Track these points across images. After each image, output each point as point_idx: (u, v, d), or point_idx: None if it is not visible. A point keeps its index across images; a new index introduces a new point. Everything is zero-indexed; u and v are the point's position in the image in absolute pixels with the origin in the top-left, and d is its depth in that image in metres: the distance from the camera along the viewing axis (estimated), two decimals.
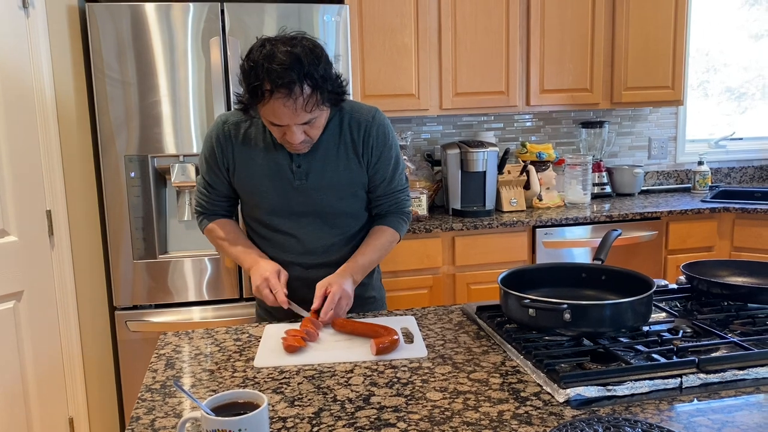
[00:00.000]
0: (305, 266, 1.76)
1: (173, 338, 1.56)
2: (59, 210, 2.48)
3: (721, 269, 1.72)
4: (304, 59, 1.46)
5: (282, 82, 1.44)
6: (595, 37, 3.30)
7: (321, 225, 1.74)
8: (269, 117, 1.53)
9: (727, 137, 3.97)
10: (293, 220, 1.73)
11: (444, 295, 2.99)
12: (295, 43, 1.49)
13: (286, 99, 1.46)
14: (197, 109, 2.49)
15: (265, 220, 1.75)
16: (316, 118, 1.55)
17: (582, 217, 3.09)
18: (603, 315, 1.31)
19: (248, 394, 0.98)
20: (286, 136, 1.56)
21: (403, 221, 1.83)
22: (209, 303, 2.61)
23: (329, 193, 1.71)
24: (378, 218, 1.82)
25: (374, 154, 1.72)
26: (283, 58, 1.45)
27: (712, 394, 1.16)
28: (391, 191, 1.79)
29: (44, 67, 2.40)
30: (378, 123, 1.72)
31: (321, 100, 1.52)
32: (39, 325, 2.44)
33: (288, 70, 1.44)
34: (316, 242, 1.75)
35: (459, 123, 3.58)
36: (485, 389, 1.21)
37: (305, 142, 1.60)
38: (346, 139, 1.70)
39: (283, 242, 1.76)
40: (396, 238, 1.81)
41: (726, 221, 3.25)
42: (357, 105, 1.74)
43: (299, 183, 1.69)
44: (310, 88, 1.48)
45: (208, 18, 2.45)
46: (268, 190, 1.70)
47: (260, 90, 1.47)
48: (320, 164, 1.69)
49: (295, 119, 1.51)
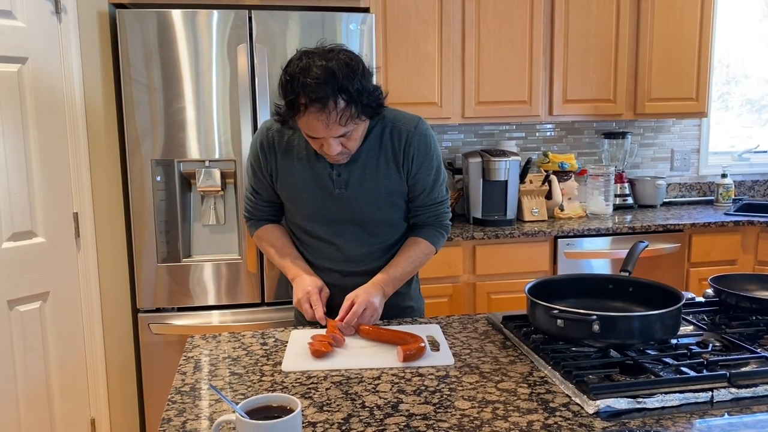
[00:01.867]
0: (343, 273, 1.77)
1: (201, 341, 1.58)
2: (86, 212, 2.51)
3: (748, 283, 1.70)
4: (339, 73, 1.47)
5: (315, 97, 1.45)
6: (619, 47, 3.29)
7: (360, 233, 1.75)
8: (305, 130, 1.55)
9: (751, 150, 3.93)
10: (333, 228, 1.74)
11: (464, 304, 2.99)
12: (331, 56, 1.50)
13: (320, 113, 1.48)
14: (222, 116, 2.51)
15: (305, 226, 1.77)
16: (352, 131, 1.56)
17: (604, 228, 3.08)
18: (632, 327, 1.31)
19: (282, 398, 0.99)
20: (323, 147, 1.58)
21: (441, 234, 1.82)
22: (231, 307, 2.62)
23: (368, 202, 1.71)
24: (415, 229, 1.82)
25: (414, 164, 1.71)
26: (317, 72, 1.46)
27: (744, 409, 1.15)
28: (431, 202, 1.78)
29: (75, 72, 2.44)
30: (420, 133, 1.71)
31: (356, 114, 1.52)
32: (64, 326, 2.47)
33: (322, 84, 1.45)
34: (355, 250, 1.76)
35: (481, 132, 3.58)
36: (514, 399, 1.21)
37: (343, 154, 1.60)
38: (387, 149, 1.70)
39: (323, 249, 1.77)
40: (432, 251, 1.80)
41: (750, 235, 3.21)
42: (399, 114, 1.74)
43: (339, 192, 1.70)
44: (345, 102, 1.49)
45: (234, 25, 2.47)
46: (309, 198, 1.72)
47: (296, 104, 1.49)
48: (360, 173, 1.69)
49: (330, 133, 1.52)
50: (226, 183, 2.58)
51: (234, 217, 2.60)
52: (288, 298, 2.62)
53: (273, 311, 2.63)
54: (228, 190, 2.60)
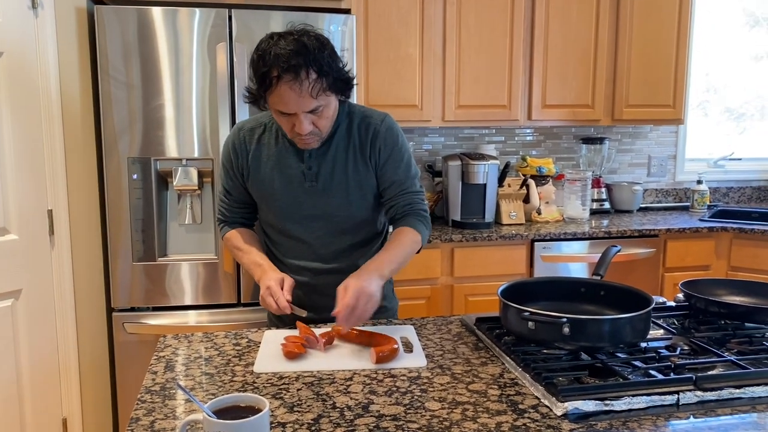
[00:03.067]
0: (316, 272, 1.78)
1: (173, 341, 1.57)
2: (61, 210, 2.48)
3: (719, 288, 1.73)
4: (310, 46, 1.52)
5: (288, 66, 1.49)
6: (598, 53, 3.32)
7: (331, 230, 1.76)
8: (278, 105, 1.56)
9: (726, 157, 4.00)
10: (304, 225, 1.76)
11: (442, 306, 3.00)
12: (302, 33, 1.56)
13: (293, 83, 1.51)
14: (200, 114, 2.50)
15: (277, 224, 1.78)
16: (323, 107, 1.58)
17: (580, 232, 3.11)
18: (602, 330, 1.32)
19: (250, 398, 0.99)
20: (295, 127, 1.59)
21: (420, 222, 1.76)
22: (207, 307, 2.61)
23: (338, 195, 1.73)
24: (395, 222, 1.79)
25: (382, 155, 1.74)
26: (289, 46, 1.51)
27: (709, 412, 1.17)
28: (404, 192, 1.76)
29: (51, 68, 2.41)
30: (387, 126, 1.75)
31: (327, 87, 1.55)
32: (36, 324, 2.43)
33: (294, 54, 1.50)
34: (326, 248, 1.77)
35: (460, 135, 3.60)
36: (484, 400, 1.22)
37: (314, 134, 1.62)
38: (355, 142, 1.73)
39: (295, 248, 1.79)
40: (416, 237, 1.73)
41: (723, 241, 3.26)
42: (368, 110, 1.79)
43: (310, 185, 1.72)
44: (316, 73, 1.52)
45: (215, 23, 2.46)
46: (280, 194, 1.74)
47: (268, 77, 1.52)
48: (330, 166, 1.72)
49: (302, 105, 1.54)
50: (203, 182, 2.57)
51: (211, 216, 2.59)
52: None
53: (249, 312, 2.61)
54: (205, 189, 2.58)
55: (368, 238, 1.82)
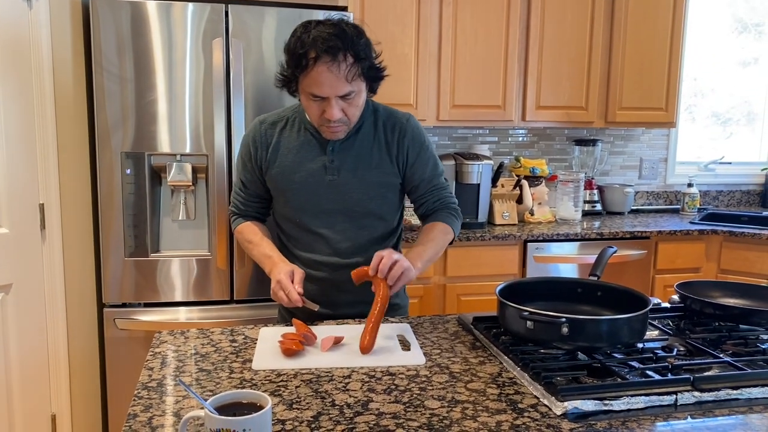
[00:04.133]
0: (333, 268, 1.78)
1: (168, 337, 1.55)
2: (52, 204, 2.46)
3: (713, 290, 1.74)
4: (348, 31, 1.57)
5: (327, 47, 1.52)
6: (592, 56, 3.34)
7: (349, 225, 1.76)
8: (311, 88, 1.58)
9: (717, 161, 4.03)
10: (322, 219, 1.76)
11: (434, 305, 3.00)
12: (339, 21, 1.60)
13: (331, 64, 1.53)
14: (195, 109, 2.48)
15: (295, 218, 1.78)
16: (354, 94, 1.61)
17: (573, 233, 3.12)
18: (600, 330, 1.32)
19: (252, 395, 0.98)
20: (325, 113, 1.60)
21: (453, 216, 1.83)
22: (200, 303, 2.59)
23: (359, 190, 1.74)
24: (426, 217, 1.85)
25: (411, 154, 1.77)
26: (328, 29, 1.55)
27: (707, 413, 1.18)
28: (433, 188, 1.83)
29: (45, 60, 2.38)
30: (413, 125, 1.80)
31: (361, 73, 1.59)
32: (26, 319, 2.41)
33: (333, 37, 1.53)
34: (344, 243, 1.77)
35: (454, 135, 3.60)
36: (483, 399, 1.22)
37: (342, 122, 1.64)
38: (380, 140, 1.75)
39: (311, 242, 1.78)
40: (449, 230, 1.80)
41: (714, 243, 3.29)
42: (392, 109, 1.83)
43: (332, 178, 1.73)
44: (353, 57, 1.56)
45: (210, 18, 2.45)
46: (300, 186, 1.74)
47: (305, 58, 1.54)
48: (353, 161, 1.73)
49: (336, 88, 1.57)
50: (198, 178, 2.55)
51: (204, 212, 2.57)
52: (259, 295, 2.61)
53: (242, 309, 2.60)
54: (199, 185, 2.57)
55: (386, 234, 1.83)
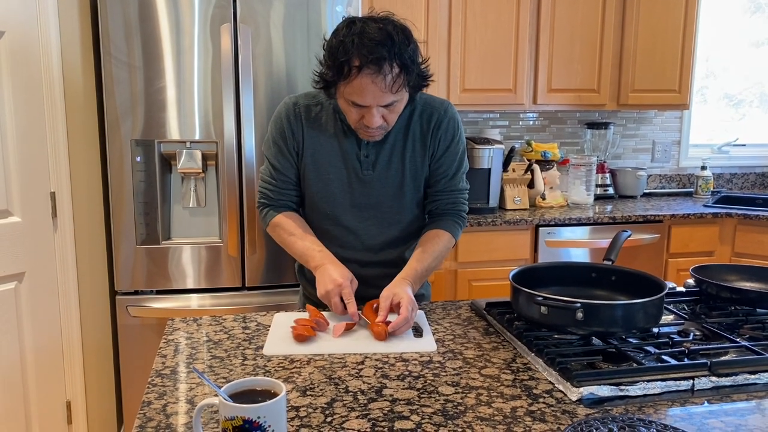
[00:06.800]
0: (362, 264, 1.71)
1: (181, 324, 1.55)
2: (63, 192, 2.46)
3: (728, 273, 1.72)
4: (396, 38, 1.43)
5: (372, 58, 1.40)
6: (604, 38, 3.29)
7: (380, 220, 1.70)
8: (353, 96, 1.47)
9: (731, 143, 3.98)
10: (354, 213, 1.69)
11: (445, 291, 2.99)
12: (387, 22, 1.46)
13: (375, 76, 1.41)
14: (204, 96, 2.47)
15: (326, 210, 1.70)
16: (397, 102, 1.51)
17: (585, 217, 3.10)
18: (615, 315, 1.31)
19: (266, 382, 0.97)
20: (364, 119, 1.51)
21: (459, 225, 1.75)
22: (211, 291, 2.59)
23: (393, 184, 1.67)
24: (433, 218, 1.76)
25: (441, 146, 1.68)
26: (374, 34, 1.41)
27: (724, 397, 1.16)
28: (451, 189, 1.73)
29: (53, 48, 2.38)
30: (450, 116, 1.69)
31: (406, 82, 1.47)
32: (39, 307, 2.42)
33: (379, 45, 1.40)
34: (375, 238, 1.71)
35: (465, 119, 3.57)
36: (497, 385, 1.21)
37: (381, 128, 1.54)
38: (416, 130, 1.66)
39: (342, 237, 1.71)
40: (452, 243, 1.73)
41: (728, 227, 3.25)
42: (430, 97, 1.71)
43: (366, 173, 1.66)
44: (399, 67, 1.44)
45: (219, 4, 2.43)
46: (334, 178, 1.67)
47: (348, 66, 1.42)
48: (387, 155, 1.66)
49: (380, 99, 1.46)
50: (208, 165, 2.54)
51: (215, 199, 2.57)
52: (270, 282, 2.61)
53: (253, 296, 2.60)
54: (209, 172, 2.56)
55: (416, 230, 1.75)
